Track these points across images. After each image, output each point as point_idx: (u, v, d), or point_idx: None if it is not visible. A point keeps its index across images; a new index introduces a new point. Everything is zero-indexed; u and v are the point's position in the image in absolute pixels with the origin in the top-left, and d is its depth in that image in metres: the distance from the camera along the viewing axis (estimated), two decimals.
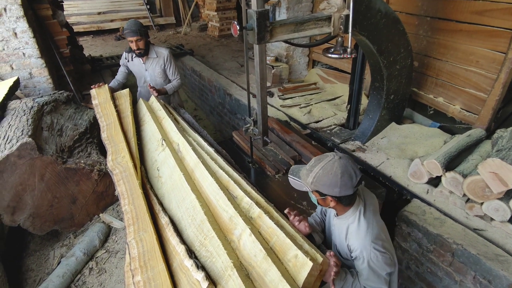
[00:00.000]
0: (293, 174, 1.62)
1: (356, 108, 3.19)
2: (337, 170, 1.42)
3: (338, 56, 2.34)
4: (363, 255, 1.45)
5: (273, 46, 4.59)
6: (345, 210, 1.55)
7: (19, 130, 2.02)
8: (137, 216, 1.83)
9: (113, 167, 2.19)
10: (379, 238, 1.47)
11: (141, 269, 1.57)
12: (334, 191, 1.44)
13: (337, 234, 1.65)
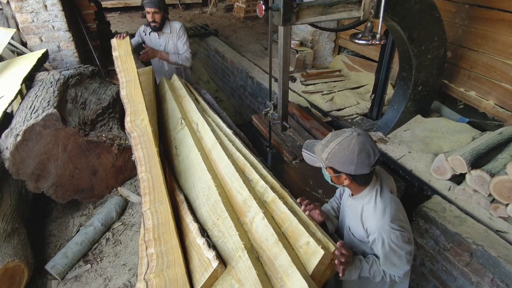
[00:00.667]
0: (307, 149, 1.54)
1: (381, 98, 3.08)
2: (354, 147, 1.33)
3: (366, 42, 2.25)
4: (383, 237, 1.38)
5: (299, 30, 4.47)
6: (360, 189, 1.48)
7: (45, 101, 2.07)
8: (154, 186, 1.80)
9: (131, 129, 2.10)
10: (397, 218, 1.41)
11: (154, 241, 1.58)
12: (349, 169, 1.36)
13: (351, 216, 1.59)
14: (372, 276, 1.50)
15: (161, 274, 1.49)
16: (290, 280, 1.34)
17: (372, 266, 1.50)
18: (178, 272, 1.50)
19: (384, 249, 1.40)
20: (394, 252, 1.40)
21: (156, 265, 1.51)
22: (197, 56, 7.02)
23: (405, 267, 1.45)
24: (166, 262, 1.53)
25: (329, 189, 2.37)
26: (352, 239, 1.61)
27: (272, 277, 1.43)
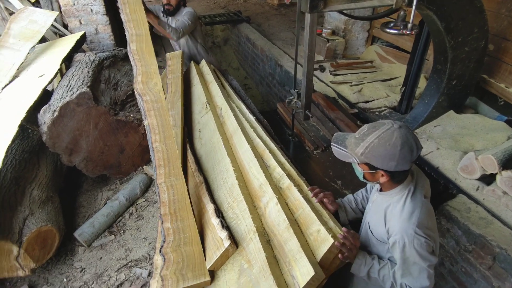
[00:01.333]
0: (337, 143, 1.39)
1: (411, 91, 2.96)
2: (396, 141, 1.21)
3: (397, 32, 2.16)
4: (404, 241, 1.26)
5: (331, 18, 4.36)
6: (392, 187, 1.37)
7: (80, 80, 2.20)
8: (169, 159, 1.75)
9: (143, 91, 1.91)
10: (425, 224, 1.28)
11: (171, 216, 1.61)
12: (389, 165, 1.24)
13: (374, 212, 1.49)
14: (382, 279, 1.41)
15: (178, 249, 1.53)
16: (298, 265, 1.37)
17: (383, 268, 1.41)
18: (196, 250, 1.54)
19: (403, 254, 1.28)
20: (413, 260, 1.28)
21: (173, 240, 1.54)
22: (228, 42, 7.06)
23: (423, 281, 1.30)
24: (183, 239, 1.56)
25: (348, 181, 2.35)
26: (369, 237, 1.52)
27: (281, 260, 1.46)
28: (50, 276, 1.78)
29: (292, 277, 1.37)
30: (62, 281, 1.76)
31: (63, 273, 1.80)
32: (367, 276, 1.43)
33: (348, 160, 1.38)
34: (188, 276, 1.48)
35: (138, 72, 2.01)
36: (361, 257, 1.43)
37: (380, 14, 2.42)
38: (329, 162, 2.48)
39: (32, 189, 1.82)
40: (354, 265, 1.44)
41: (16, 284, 1.75)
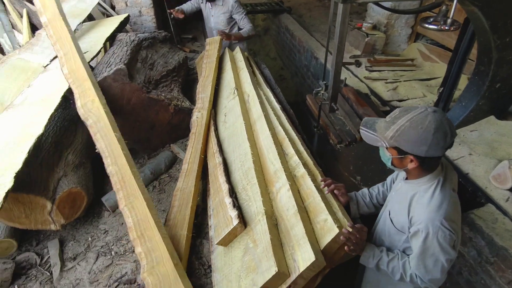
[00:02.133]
0: (366, 126, 1.34)
1: (450, 92, 2.80)
2: (430, 125, 1.15)
3: (436, 27, 2.06)
4: (428, 230, 1.23)
5: (374, 12, 4.21)
6: (420, 175, 1.32)
7: (119, 58, 2.35)
8: (124, 179, 1.72)
9: (85, 116, 1.92)
10: (451, 218, 1.24)
11: (139, 239, 1.58)
12: (420, 150, 1.19)
13: (398, 200, 1.44)
14: (391, 271, 1.40)
15: (153, 271, 1.51)
16: (300, 250, 1.40)
17: (392, 260, 1.40)
18: (168, 267, 1.51)
19: (424, 244, 1.26)
20: (433, 252, 1.26)
21: (146, 264, 1.53)
22: (268, 32, 7.06)
23: (436, 274, 1.29)
24: (155, 259, 1.54)
25: (368, 177, 2.32)
26: (388, 226, 1.49)
27: (286, 244, 1.50)
28: (77, 234, 1.96)
29: (294, 260, 1.40)
30: (87, 239, 1.93)
31: (89, 233, 1.97)
32: (377, 268, 1.44)
33: (376, 144, 1.34)
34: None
35: (76, 97, 2.02)
36: (369, 250, 1.43)
37: (421, 8, 2.31)
38: (351, 157, 2.45)
39: (68, 153, 2.00)
40: (362, 257, 1.45)
41: (49, 237, 1.94)
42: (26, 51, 2.57)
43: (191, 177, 2.01)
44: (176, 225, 1.78)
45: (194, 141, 2.25)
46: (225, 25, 3.53)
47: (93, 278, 1.70)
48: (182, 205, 1.87)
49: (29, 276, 1.73)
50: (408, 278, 1.36)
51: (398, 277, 1.39)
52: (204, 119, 2.36)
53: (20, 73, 2.38)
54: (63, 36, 2.25)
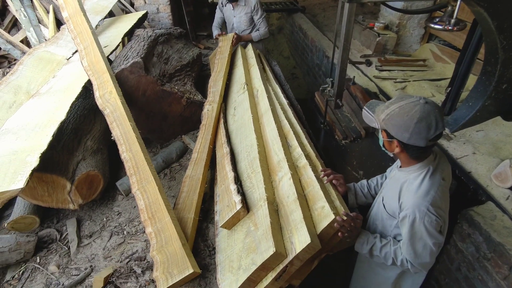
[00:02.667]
0: (369, 107, 1.43)
1: (457, 92, 2.83)
2: (415, 114, 1.21)
3: (441, 27, 2.11)
4: (415, 215, 1.29)
5: (386, 12, 4.24)
6: (410, 163, 1.38)
7: (136, 52, 2.50)
8: (137, 165, 1.82)
9: (103, 106, 2.06)
10: (438, 204, 1.30)
11: (150, 221, 1.69)
12: (403, 136, 1.26)
13: (390, 187, 1.52)
14: (383, 256, 1.47)
15: (162, 250, 1.62)
16: (298, 233, 1.49)
17: (385, 246, 1.46)
18: (176, 246, 1.62)
19: (411, 229, 1.32)
20: (420, 236, 1.32)
21: (156, 243, 1.64)
22: (282, 31, 7.13)
23: (426, 258, 1.35)
24: (164, 239, 1.64)
25: (370, 172, 2.39)
26: (381, 211, 1.56)
27: (284, 228, 1.60)
28: (93, 214, 2.11)
29: (291, 243, 1.50)
30: (103, 219, 2.07)
31: (104, 214, 2.11)
32: (369, 254, 1.50)
33: (372, 124, 1.42)
34: (175, 273, 1.56)
35: (95, 88, 2.14)
36: (363, 236, 1.51)
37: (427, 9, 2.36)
38: (355, 153, 2.52)
39: (86, 139, 2.15)
40: (356, 243, 1.52)
41: (67, 216, 2.10)
42: (52, 44, 2.75)
43: (200, 165, 2.13)
44: (184, 209, 1.90)
45: (204, 132, 2.37)
46: (247, 25, 3.61)
47: (107, 254, 1.84)
48: (191, 191, 1.99)
49: (49, 249, 1.88)
50: (399, 263, 1.42)
51: (390, 262, 1.45)
52: (214, 111, 2.48)
53: (46, 64, 2.56)
54: (84, 31, 2.41)
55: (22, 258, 1.79)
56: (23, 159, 1.68)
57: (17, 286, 1.70)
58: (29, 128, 1.91)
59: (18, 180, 1.55)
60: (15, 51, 3.38)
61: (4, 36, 3.37)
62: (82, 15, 2.51)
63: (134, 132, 1.95)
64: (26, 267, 1.78)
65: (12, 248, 1.75)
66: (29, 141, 1.81)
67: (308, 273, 1.65)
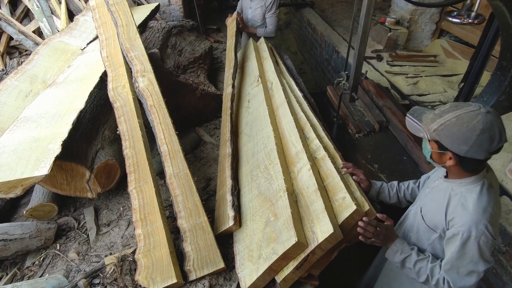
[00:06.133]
0: (413, 115, 1.30)
1: (471, 88, 2.83)
2: (477, 125, 1.09)
3: (459, 21, 2.12)
4: (471, 233, 1.16)
5: (398, 7, 4.22)
6: (462, 175, 1.26)
7: (151, 43, 2.50)
8: (138, 163, 1.81)
9: (113, 99, 2.05)
10: (495, 223, 1.19)
11: (141, 222, 1.67)
12: (459, 148, 1.14)
13: (432, 198, 1.40)
14: (417, 271, 1.34)
15: (149, 254, 1.59)
16: (319, 223, 1.50)
17: (421, 261, 1.34)
18: (164, 253, 1.59)
19: (463, 248, 1.19)
20: (471, 258, 1.19)
21: (143, 246, 1.60)
22: (290, 26, 7.11)
23: (469, 282, 1.22)
24: (153, 243, 1.60)
25: (385, 166, 2.39)
26: (417, 223, 1.45)
27: (305, 218, 1.61)
28: (110, 203, 2.12)
29: (313, 232, 1.51)
30: (119, 209, 2.09)
31: (120, 203, 2.12)
32: (401, 264, 1.40)
33: (419, 134, 1.29)
34: (157, 280, 1.53)
35: (109, 79, 2.12)
36: (399, 244, 1.39)
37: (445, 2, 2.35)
38: (369, 146, 2.52)
39: (104, 129, 2.15)
40: (389, 250, 1.41)
41: (84, 205, 2.11)
42: (66, 35, 2.75)
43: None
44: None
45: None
46: (261, 20, 3.57)
47: (125, 243, 1.86)
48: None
49: (68, 237, 1.90)
50: (434, 281, 1.30)
51: (423, 279, 1.33)
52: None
53: (61, 54, 2.56)
54: (108, 22, 2.42)
55: (42, 245, 1.80)
56: (45, 146, 1.69)
57: (38, 272, 1.72)
58: (49, 116, 1.92)
59: (41, 167, 1.56)
60: (28, 42, 3.38)
61: (16, 26, 3.37)
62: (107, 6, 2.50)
63: (140, 130, 1.91)
64: (47, 254, 1.79)
65: (33, 235, 1.76)
66: (50, 129, 1.82)
67: (327, 263, 1.66)
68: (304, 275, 1.61)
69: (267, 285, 1.59)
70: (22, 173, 1.53)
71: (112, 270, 1.62)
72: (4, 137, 1.80)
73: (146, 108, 2.05)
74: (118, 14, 2.50)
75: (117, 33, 2.36)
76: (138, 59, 2.21)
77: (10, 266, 1.77)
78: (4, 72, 2.62)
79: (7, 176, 1.52)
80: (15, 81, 2.31)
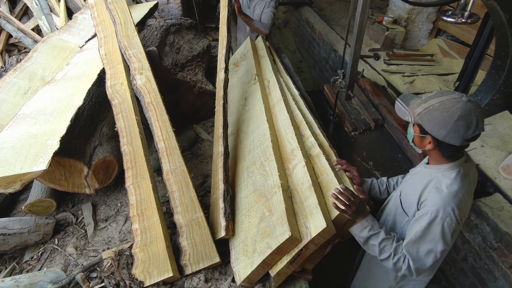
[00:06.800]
0: (403, 100, 1.37)
1: (466, 87, 2.86)
2: (456, 111, 1.15)
3: (454, 20, 2.14)
4: (438, 214, 1.23)
5: (395, 6, 4.24)
6: (441, 161, 1.33)
7: (150, 41, 2.52)
8: (135, 160, 1.83)
9: (111, 96, 2.06)
10: (462, 209, 1.25)
11: (138, 217, 1.69)
12: (438, 132, 1.20)
13: (412, 183, 1.46)
14: (380, 248, 1.37)
15: (145, 248, 1.62)
16: (313, 218, 1.53)
17: (387, 239, 1.37)
18: (160, 247, 1.62)
19: (428, 227, 1.26)
20: (432, 238, 1.26)
21: (140, 240, 1.63)
22: (288, 25, 7.12)
23: (426, 263, 1.30)
24: (149, 237, 1.64)
25: (380, 163, 2.42)
26: (395, 206, 1.53)
27: (299, 214, 1.64)
28: (108, 199, 2.15)
29: (306, 227, 1.54)
30: (117, 205, 2.11)
31: (118, 199, 2.15)
32: (365, 240, 1.42)
33: (404, 117, 1.35)
34: (154, 274, 1.58)
35: (107, 77, 2.15)
36: (370, 221, 1.42)
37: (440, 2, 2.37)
38: (365, 144, 2.55)
39: (102, 126, 2.18)
40: (358, 224, 1.43)
41: (82, 201, 2.14)
42: (65, 32, 2.78)
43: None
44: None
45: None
46: (260, 19, 3.53)
47: (123, 237, 1.89)
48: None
49: (66, 232, 1.92)
50: (395, 259, 1.34)
51: (384, 257, 1.37)
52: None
53: (60, 52, 2.59)
54: (106, 20, 2.44)
55: (40, 240, 1.83)
56: (44, 142, 1.71)
57: (36, 266, 1.74)
58: (47, 113, 1.95)
59: (40, 162, 1.58)
60: (26, 39, 3.40)
61: (15, 23, 3.39)
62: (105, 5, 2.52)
63: (138, 127, 1.93)
64: (45, 248, 1.82)
65: (31, 230, 1.79)
66: (48, 126, 1.84)
67: (321, 258, 1.69)
68: (298, 269, 1.64)
69: (261, 279, 1.63)
70: (21, 168, 1.55)
71: (109, 264, 1.64)
72: (3, 133, 1.83)
73: (144, 105, 2.07)
74: (117, 12, 2.52)
75: (115, 31, 2.39)
76: (136, 57, 2.24)
77: (9, 260, 1.79)
78: (3, 69, 2.64)
79: (6, 171, 1.54)
80: (14, 78, 2.33)
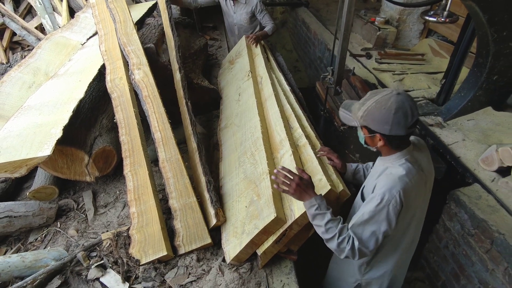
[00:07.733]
0: (345, 107, 1.47)
1: (451, 84, 2.98)
2: (391, 105, 1.26)
3: (435, 20, 2.26)
4: (383, 197, 1.31)
5: (387, 7, 4.37)
6: (391, 152, 1.42)
7: (148, 38, 2.65)
8: (133, 148, 1.94)
9: (111, 90, 2.15)
10: (409, 193, 1.33)
11: (135, 201, 1.81)
12: (384, 128, 1.30)
13: (371, 176, 1.57)
14: (326, 228, 1.39)
15: (142, 230, 1.74)
16: (297, 202, 1.65)
17: (333, 221, 1.40)
18: (155, 229, 1.74)
19: (374, 209, 1.33)
20: (377, 220, 1.33)
21: (137, 222, 1.75)
22: (285, 25, 7.25)
23: (369, 245, 1.36)
24: (145, 220, 1.76)
25: (367, 155, 2.54)
26: (358, 198, 1.63)
27: (285, 198, 1.76)
28: (108, 188, 2.28)
29: (291, 210, 1.66)
30: (116, 192, 2.24)
31: (117, 187, 2.27)
32: (312, 218, 1.44)
33: (351, 123, 1.45)
34: (149, 253, 1.70)
35: (107, 72, 2.26)
36: (319, 200, 1.43)
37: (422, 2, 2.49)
38: (352, 137, 2.67)
39: (102, 118, 2.30)
40: (307, 202, 1.44)
41: (83, 188, 2.26)
42: (67, 30, 2.90)
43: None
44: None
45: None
46: (248, 23, 3.66)
47: (121, 222, 2.01)
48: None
49: (68, 216, 2.05)
50: (339, 240, 1.37)
51: (329, 237, 1.39)
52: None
53: (62, 48, 2.71)
54: (106, 18, 2.59)
55: (44, 223, 1.95)
56: (48, 131, 1.84)
57: (40, 246, 1.87)
58: (51, 104, 2.07)
59: (44, 148, 1.71)
60: (30, 37, 3.53)
61: (19, 22, 3.52)
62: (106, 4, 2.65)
63: (136, 118, 2.05)
64: (48, 231, 1.94)
65: (36, 213, 1.91)
66: (52, 116, 1.97)
67: (305, 240, 1.81)
68: (284, 249, 1.77)
69: (249, 259, 1.75)
70: (26, 154, 1.68)
71: (108, 244, 1.77)
72: (10, 123, 1.96)
73: (141, 98, 2.20)
74: (117, 11, 2.65)
75: (115, 29, 2.52)
76: (134, 53, 2.36)
77: (14, 241, 1.92)
78: (8, 65, 2.77)
79: (13, 157, 1.67)
80: (19, 73, 2.46)
